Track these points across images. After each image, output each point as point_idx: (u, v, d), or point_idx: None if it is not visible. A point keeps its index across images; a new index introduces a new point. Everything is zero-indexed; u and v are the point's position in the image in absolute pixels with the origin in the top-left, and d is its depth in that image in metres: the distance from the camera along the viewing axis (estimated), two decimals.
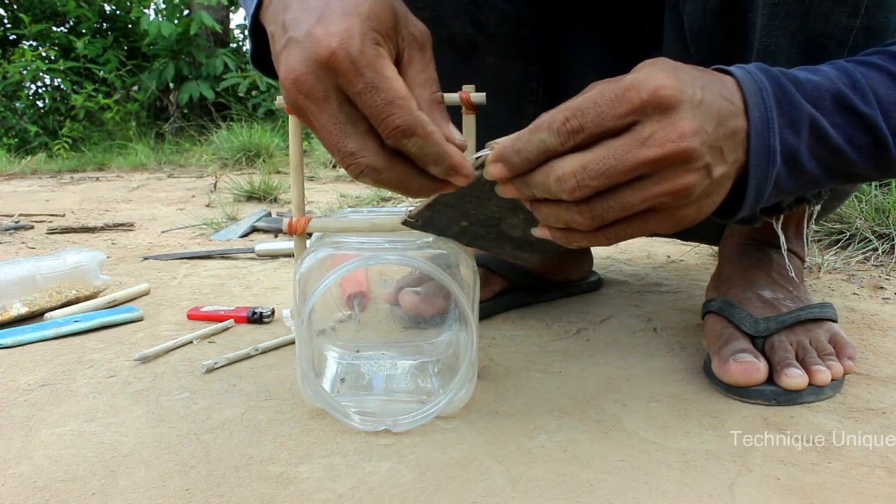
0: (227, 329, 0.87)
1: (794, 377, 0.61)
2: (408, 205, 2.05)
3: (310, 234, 0.64)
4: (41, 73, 5.33)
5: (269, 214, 1.86)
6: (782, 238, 0.70)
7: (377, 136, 0.44)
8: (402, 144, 0.43)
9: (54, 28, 5.81)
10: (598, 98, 0.41)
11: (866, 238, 1.19)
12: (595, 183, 0.41)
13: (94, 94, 5.20)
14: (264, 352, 0.78)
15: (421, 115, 0.42)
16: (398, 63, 0.46)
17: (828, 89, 0.47)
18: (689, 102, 0.41)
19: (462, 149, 0.45)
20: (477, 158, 0.46)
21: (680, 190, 0.42)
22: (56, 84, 5.54)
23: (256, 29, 0.52)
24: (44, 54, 5.35)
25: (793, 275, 0.74)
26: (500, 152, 0.43)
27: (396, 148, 0.43)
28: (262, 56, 0.55)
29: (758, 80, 0.46)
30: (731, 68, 0.47)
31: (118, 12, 6.11)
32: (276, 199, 2.24)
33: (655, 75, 0.41)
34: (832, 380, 0.63)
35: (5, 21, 5.95)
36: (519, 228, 0.53)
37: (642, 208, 0.43)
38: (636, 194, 0.42)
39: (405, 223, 0.53)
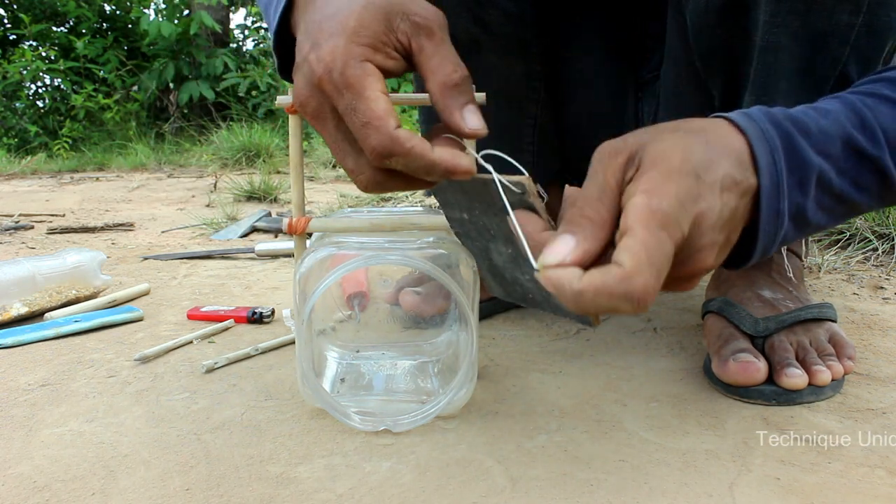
0: (227, 329, 0.87)
1: (794, 377, 0.61)
2: (408, 205, 2.05)
3: (310, 234, 0.64)
4: (41, 73, 5.32)
5: (269, 214, 1.86)
6: None
7: None
8: (386, 164, 0.43)
9: (54, 28, 5.80)
10: (658, 243, 0.37)
11: (866, 238, 1.19)
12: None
13: (94, 94, 5.20)
14: (264, 352, 0.78)
15: (399, 132, 0.42)
16: (410, 55, 0.45)
17: (838, 135, 0.46)
18: (713, 219, 0.39)
19: (476, 136, 0.44)
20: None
21: (688, 287, 0.42)
22: (56, 84, 5.54)
23: (283, 42, 0.53)
24: (44, 54, 5.34)
25: (791, 275, 0.74)
26: (565, 293, 0.38)
27: (383, 170, 0.44)
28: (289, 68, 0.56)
29: (769, 139, 0.44)
30: (743, 124, 0.44)
31: (118, 12, 6.10)
32: (276, 199, 2.24)
33: (682, 194, 0.38)
34: (832, 380, 0.63)
35: (5, 21, 5.94)
36: (502, 258, 0.52)
37: None
38: None
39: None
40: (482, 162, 0.44)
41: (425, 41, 0.44)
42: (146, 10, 5.67)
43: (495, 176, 0.44)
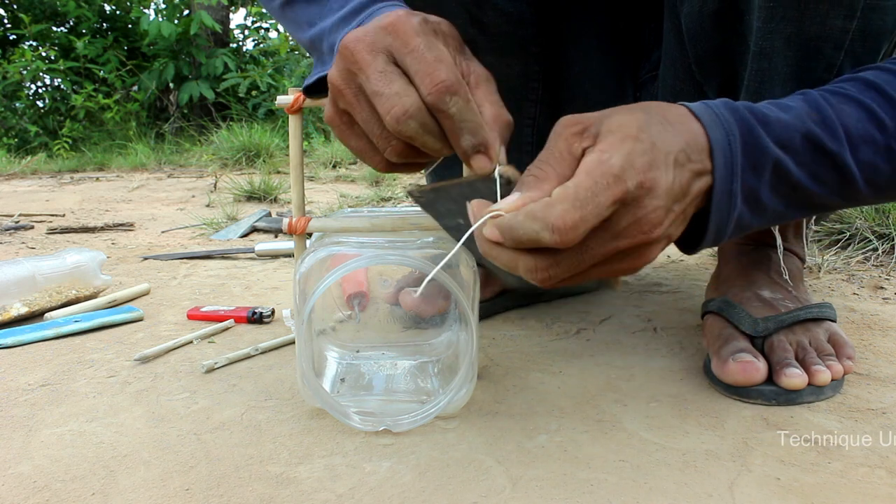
0: (227, 329, 0.87)
1: (794, 377, 0.61)
2: (408, 204, 2.05)
3: (310, 234, 0.64)
4: (41, 73, 5.32)
5: (269, 214, 1.86)
6: (779, 240, 0.70)
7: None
8: (444, 103, 0.45)
9: (54, 28, 5.80)
10: (594, 187, 0.40)
11: (866, 238, 1.19)
12: (565, 274, 0.43)
13: (94, 94, 5.19)
14: (264, 352, 0.78)
15: (465, 83, 0.46)
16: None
17: (797, 129, 0.47)
18: (663, 188, 0.42)
19: (506, 170, 0.47)
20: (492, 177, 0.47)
21: (639, 264, 0.45)
22: (56, 84, 5.54)
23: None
24: (44, 54, 5.34)
25: (787, 277, 0.74)
26: (500, 226, 0.43)
27: (436, 107, 0.45)
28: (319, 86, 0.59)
29: (726, 124, 0.46)
30: (700, 111, 0.46)
31: (118, 12, 6.10)
32: (276, 199, 2.24)
33: (634, 156, 0.41)
34: (832, 380, 0.63)
35: (5, 21, 5.94)
36: None
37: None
38: (598, 270, 0.44)
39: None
40: (498, 170, 0.47)
41: (483, 81, 0.49)
42: (146, 10, 5.66)
43: (496, 167, 0.47)
